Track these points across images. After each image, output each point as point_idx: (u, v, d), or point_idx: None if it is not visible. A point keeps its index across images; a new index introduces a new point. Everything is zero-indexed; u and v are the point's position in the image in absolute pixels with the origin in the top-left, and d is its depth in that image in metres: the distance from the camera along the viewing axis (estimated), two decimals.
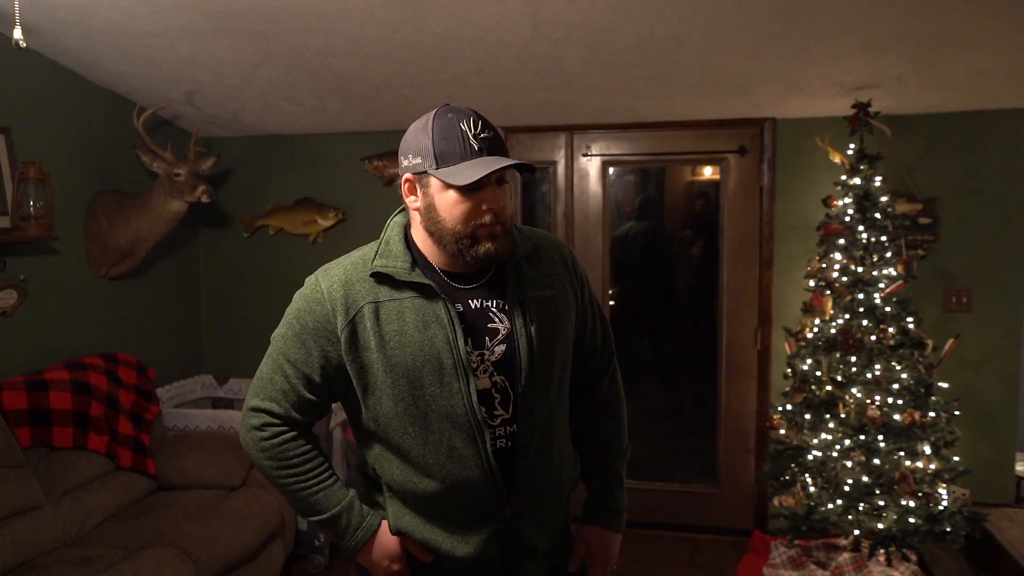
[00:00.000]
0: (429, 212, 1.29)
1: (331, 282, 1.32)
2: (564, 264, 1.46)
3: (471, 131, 1.24)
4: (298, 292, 1.37)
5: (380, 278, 1.31)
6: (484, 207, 1.26)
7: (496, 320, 1.34)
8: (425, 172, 1.26)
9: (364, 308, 1.30)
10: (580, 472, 1.55)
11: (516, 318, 1.34)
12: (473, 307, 1.34)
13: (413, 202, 1.32)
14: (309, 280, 1.37)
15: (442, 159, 1.24)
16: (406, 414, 1.31)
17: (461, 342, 1.29)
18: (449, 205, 1.26)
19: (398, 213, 1.41)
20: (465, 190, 1.24)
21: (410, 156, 1.29)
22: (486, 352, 1.33)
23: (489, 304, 1.35)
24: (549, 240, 1.47)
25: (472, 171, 1.22)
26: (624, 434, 1.58)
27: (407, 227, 1.39)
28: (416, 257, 1.35)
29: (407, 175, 1.30)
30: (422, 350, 1.28)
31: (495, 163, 1.23)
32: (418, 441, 1.32)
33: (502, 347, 1.33)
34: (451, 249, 1.29)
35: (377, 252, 1.34)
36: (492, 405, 1.33)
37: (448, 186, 1.25)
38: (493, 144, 1.26)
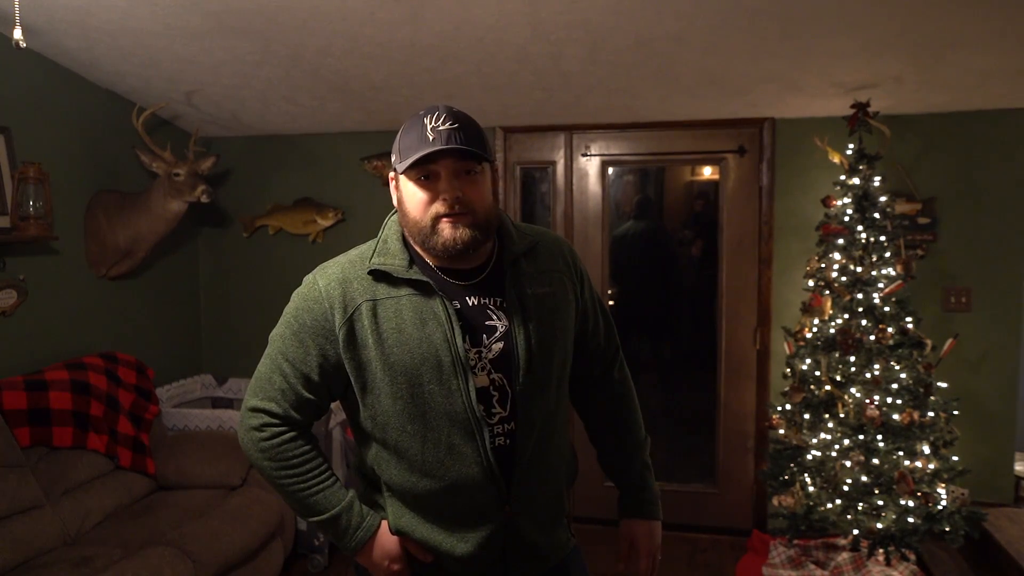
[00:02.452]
0: (400, 207, 1.34)
1: (329, 280, 1.33)
2: (564, 260, 1.46)
3: (430, 123, 1.26)
4: (296, 291, 1.37)
5: (378, 276, 1.32)
6: (441, 196, 1.27)
7: (494, 318, 1.34)
8: (396, 169, 1.32)
9: (362, 306, 1.30)
10: (577, 469, 1.56)
11: (514, 316, 1.34)
12: (471, 304, 1.34)
13: (395, 199, 1.37)
14: (307, 279, 1.37)
15: (403, 153, 1.29)
16: (405, 412, 1.31)
17: (459, 340, 1.29)
18: (409, 196, 1.30)
19: (396, 211, 1.42)
20: (421, 180, 1.27)
21: (392, 155, 1.34)
22: (483, 350, 1.33)
23: (487, 301, 1.35)
24: (548, 237, 1.48)
25: (414, 157, 1.25)
26: (641, 424, 1.60)
27: None
28: (413, 255, 1.35)
29: (391, 174, 1.36)
30: (420, 348, 1.28)
31: (435, 147, 1.24)
32: (417, 439, 1.32)
33: (500, 344, 1.34)
34: (418, 241, 1.31)
35: (375, 250, 1.35)
36: (490, 403, 1.34)
37: (407, 178, 1.29)
38: (452, 134, 1.25)
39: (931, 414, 2.81)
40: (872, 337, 2.85)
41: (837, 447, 2.87)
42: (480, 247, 1.32)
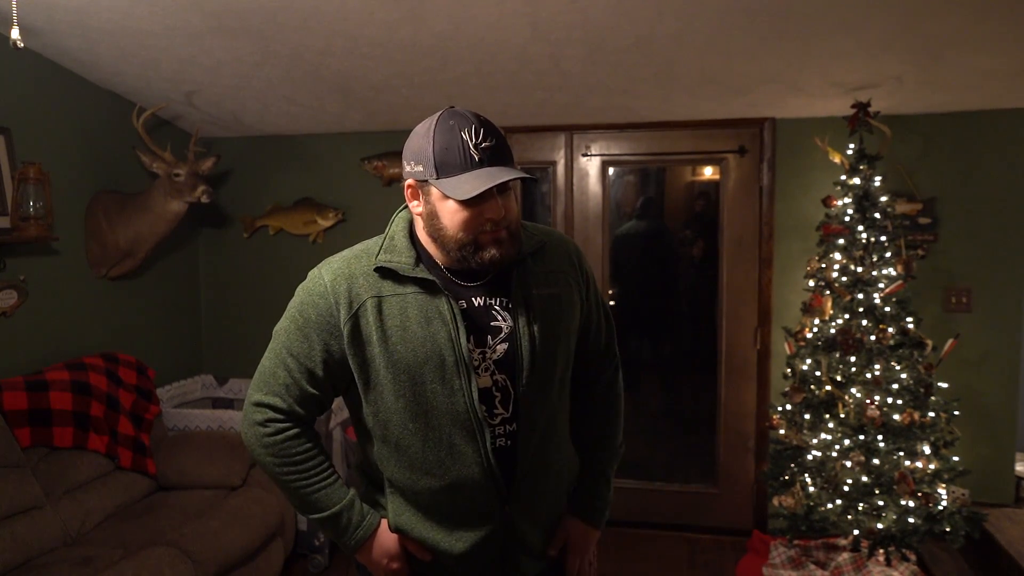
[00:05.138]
0: (431, 219, 1.29)
1: (334, 275, 1.32)
2: (569, 261, 1.46)
3: (472, 140, 1.23)
4: (300, 285, 1.37)
5: (384, 273, 1.32)
6: (486, 216, 1.25)
7: (499, 318, 1.34)
8: (426, 180, 1.26)
9: (367, 302, 1.30)
10: (579, 469, 1.55)
11: (519, 316, 1.34)
12: (476, 304, 1.34)
13: (416, 207, 1.32)
14: (312, 273, 1.37)
15: (442, 169, 1.23)
16: (407, 410, 1.31)
17: (463, 339, 1.29)
18: (450, 213, 1.26)
19: (403, 208, 1.41)
20: (465, 201, 1.23)
21: (412, 162, 1.28)
22: (488, 350, 1.33)
23: (492, 302, 1.35)
24: (555, 237, 1.47)
25: (471, 184, 1.21)
26: (619, 434, 1.57)
27: (412, 223, 1.39)
28: (420, 253, 1.35)
29: (409, 180, 1.30)
30: (424, 346, 1.28)
31: (495, 176, 1.22)
32: (418, 437, 1.32)
33: (504, 345, 1.34)
34: (455, 255, 1.30)
35: (382, 247, 1.34)
36: (492, 404, 1.34)
37: (444, 193, 1.24)
38: (495, 153, 1.24)
39: (931, 414, 2.80)
40: (872, 337, 2.85)
41: (837, 447, 2.86)
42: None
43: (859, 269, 2.90)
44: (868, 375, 2.85)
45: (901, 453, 2.79)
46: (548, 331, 1.35)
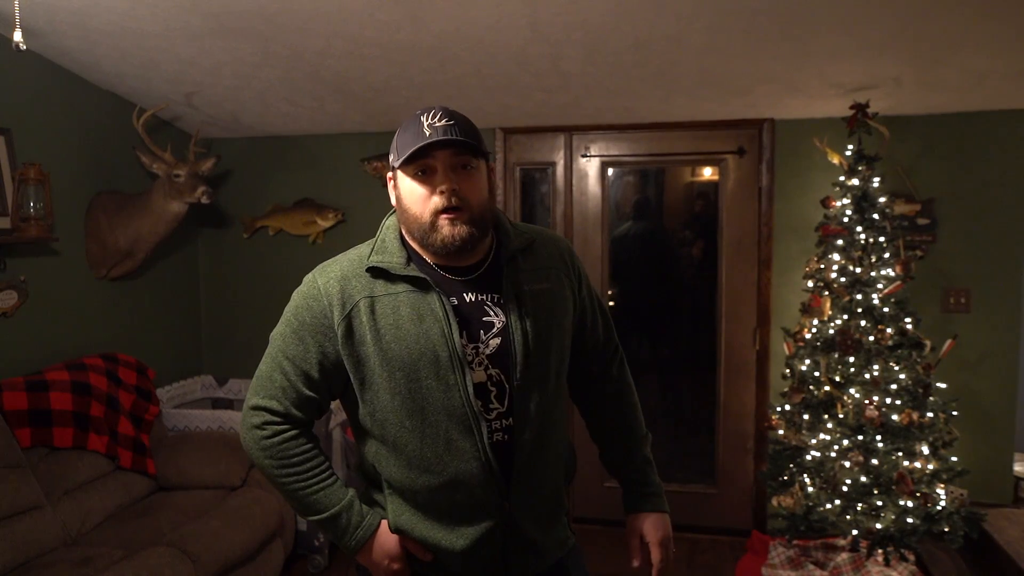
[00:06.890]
0: (399, 204, 1.35)
1: (328, 278, 1.35)
2: (561, 258, 1.47)
3: (427, 121, 1.29)
4: (296, 290, 1.39)
5: (376, 273, 1.34)
6: (439, 190, 1.29)
7: (491, 313, 1.36)
8: (394, 167, 1.34)
9: (360, 302, 1.32)
10: (576, 465, 1.56)
11: (511, 312, 1.35)
12: (468, 300, 1.36)
13: (393, 198, 1.38)
14: (306, 278, 1.39)
15: (400, 150, 1.31)
16: (403, 407, 1.32)
17: (456, 335, 1.31)
18: (408, 192, 1.32)
19: (394, 212, 1.43)
20: (418, 175, 1.29)
21: (390, 156, 1.36)
22: (481, 345, 1.34)
23: (484, 298, 1.37)
24: (545, 235, 1.50)
25: (411, 150, 1.28)
26: (642, 420, 1.61)
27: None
28: (411, 253, 1.37)
29: (389, 173, 1.38)
30: (418, 343, 1.30)
31: (430, 139, 1.27)
32: (415, 435, 1.33)
33: (497, 340, 1.35)
34: (417, 238, 1.33)
35: (373, 248, 1.37)
36: (488, 399, 1.35)
37: (405, 174, 1.31)
38: (448, 130, 1.28)
39: (930, 415, 2.81)
40: (871, 338, 2.85)
41: (836, 448, 2.87)
42: (478, 244, 1.34)
43: (858, 270, 2.91)
44: (867, 375, 2.85)
45: (900, 453, 2.79)
46: (541, 325, 1.37)
